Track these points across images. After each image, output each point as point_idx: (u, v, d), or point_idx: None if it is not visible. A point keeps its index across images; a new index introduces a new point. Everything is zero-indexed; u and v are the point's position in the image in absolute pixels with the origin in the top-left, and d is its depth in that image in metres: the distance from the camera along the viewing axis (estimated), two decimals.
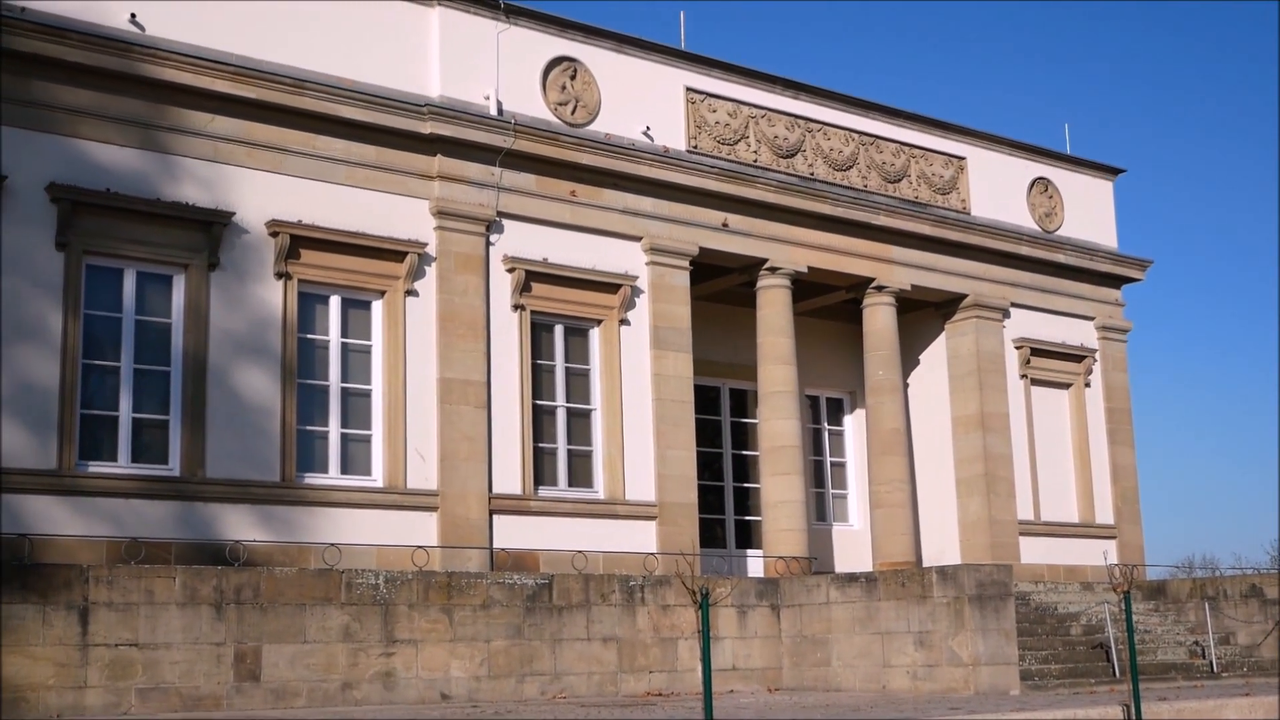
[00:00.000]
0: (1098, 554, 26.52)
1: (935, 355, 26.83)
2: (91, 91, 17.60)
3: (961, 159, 26.50)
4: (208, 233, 18.17)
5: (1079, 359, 27.75)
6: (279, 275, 18.67)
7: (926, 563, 24.89)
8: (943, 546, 25.83)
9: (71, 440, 17.05)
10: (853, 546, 26.10)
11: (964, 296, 26.18)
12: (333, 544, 17.71)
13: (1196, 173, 78.36)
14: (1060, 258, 27.48)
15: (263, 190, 18.68)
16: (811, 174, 24.15)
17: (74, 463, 17.06)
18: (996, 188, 26.96)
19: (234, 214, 18.38)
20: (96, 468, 17.29)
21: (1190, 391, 77.38)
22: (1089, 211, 28.54)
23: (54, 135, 17.35)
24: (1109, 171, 29.26)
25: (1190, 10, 72.45)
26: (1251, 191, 77.82)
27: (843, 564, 25.37)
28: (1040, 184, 27.87)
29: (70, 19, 17.45)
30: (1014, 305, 26.84)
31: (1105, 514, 27.43)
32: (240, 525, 17.78)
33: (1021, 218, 27.27)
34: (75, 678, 14.46)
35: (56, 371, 17.02)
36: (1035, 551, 26.00)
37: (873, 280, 24.83)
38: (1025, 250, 26.87)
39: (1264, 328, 70.84)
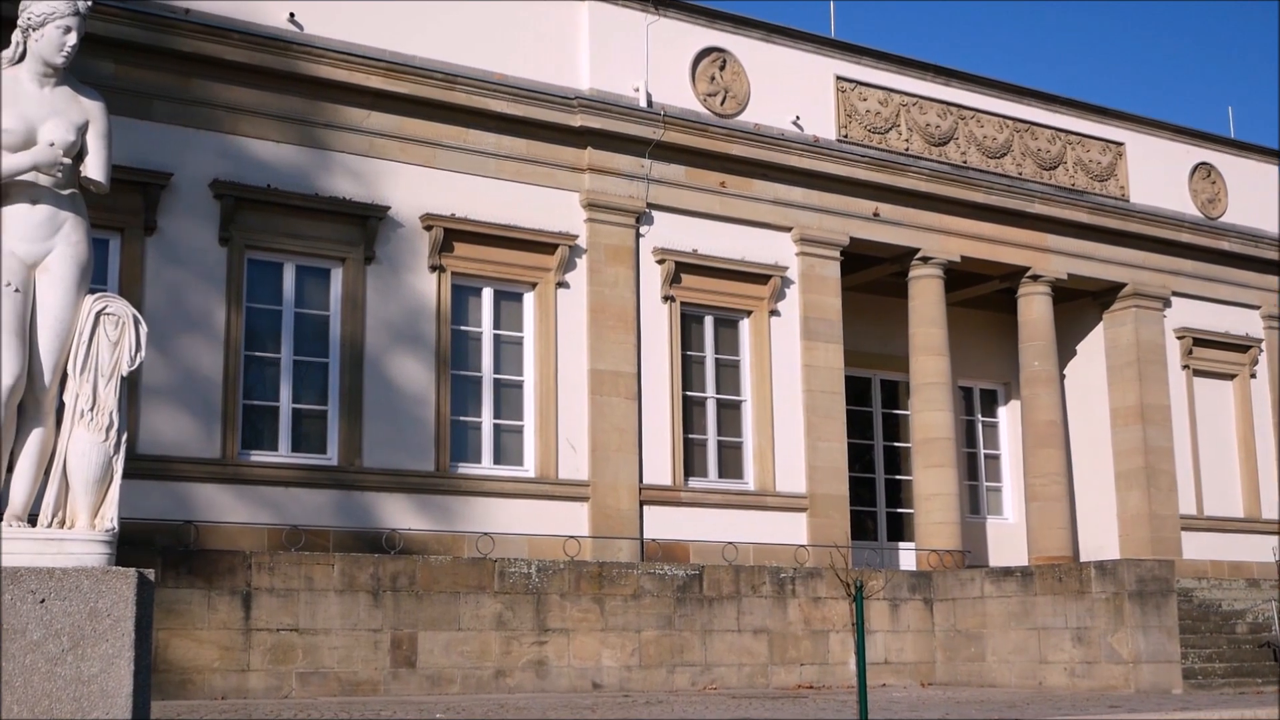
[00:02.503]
0: (1264, 550, 25.75)
1: (1093, 346, 26.27)
2: (252, 90, 18.03)
3: (1120, 145, 25.90)
4: (363, 227, 18.51)
5: (1244, 349, 26.95)
6: (433, 268, 18.94)
7: (1084, 558, 24.42)
8: (1101, 541, 25.29)
9: (234, 429, 17.50)
10: (1007, 540, 25.70)
11: (1123, 285, 25.59)
12: (486, 533, 17.93)
13: None
14: (1224, 245, 26.70)
15: (416, 184, 18.96)
16: (964, 162, 23.80)
17: (237, 451, 17.50)
18: (1156, 174, 26.30)
19: (389, 208, 18.69)
20: (258, 456, 17.73)
21: None
22: (1254, 197, 27.69)
23: (216, 133, 17.81)
24: (1275, 155, 28.35)
25: None
26: None
27: (997, 558, 25.00)
28: (1202, 169, 27.12)
29: (231, 19, 17.89)
30: (1175, 294, 26.16)
31: (1271, 509, 26.60)
32: (396, 513, 18.08)
33: (1183, 204, 26.57)
34: (238, 661, 14.85)
35: (220, 362, 17.48)
36: (1198, 547, 25.33)
37: (1028, 269, 24.40)
38: (1187, 237, 26.17)
39: None
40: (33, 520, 7.03)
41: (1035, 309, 24.53)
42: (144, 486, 16.04)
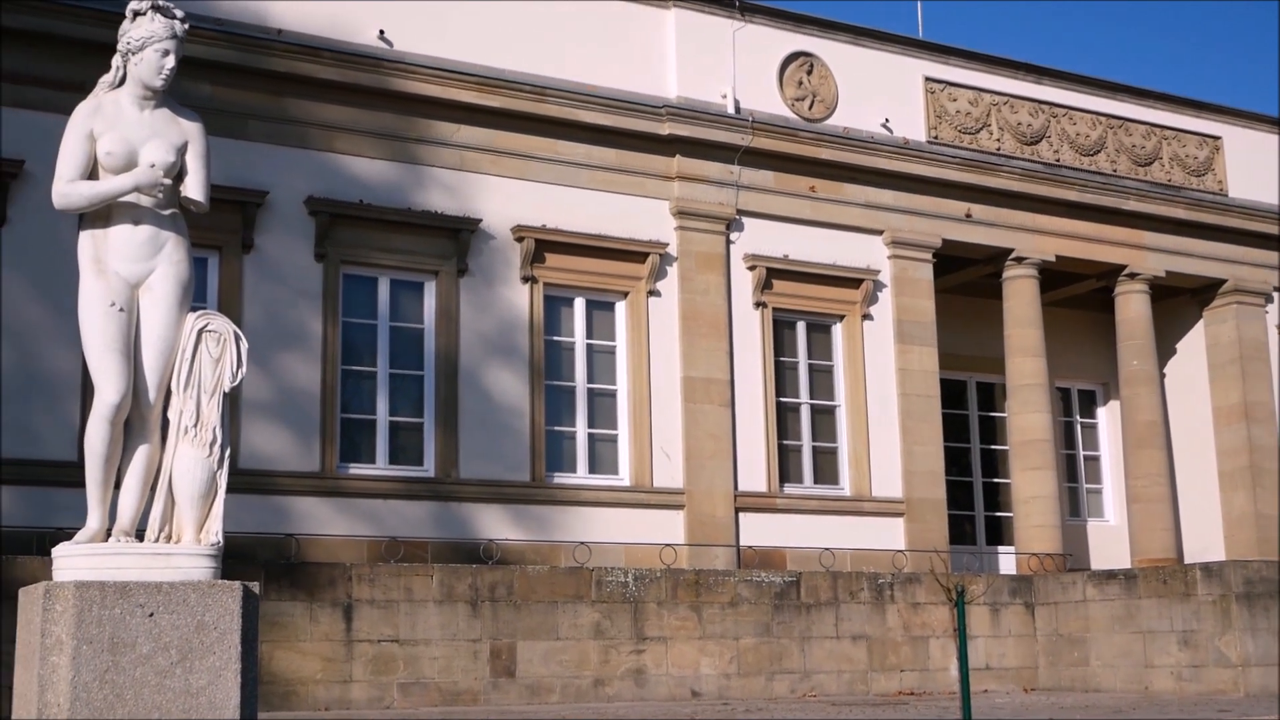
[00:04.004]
0: None
1: (1193, 344, 25.82)
2: (344, 107, 18.24)
3: (1216, 139, 25.45)
4: (456, 240, 18.65)
5: None
6: (525, 279, 19.05)
7: (1188, 559, 23.98)
8: (1205, 543, 24.84)
9: (333, 443, 17.70)
10: (1109, 543, 25.32)
11: (1223, 282, 25.13)
12: (582, 542, 17.98)
13: None
14: None
15: (507, 196, 19.08)
16: (1057, 160, 23.52)
17: (335, 465, 17.70)
18: (1255, 167, 25.78)
19: (480, 221, 18.83)
20: (356, 469, 17.92)
21: None
22: None
23: (309, 150, 18.05)
24: None
25: None
26: None
27: (1099, 561, 24.64)
28: None
29: (323, 38, 18.13)
30: (1277, 289, 25.64)
31: None
32: (493, 524, 18.20)
33: None
34: (341, 672, 15.00)
35: (318, 377, 17.70)
36: None
37: (1124, 267, 24.05)
38: None
39: None
40: (140, 535, 7.17)
41: (1133, 307, 24.16)
42: (245, 501, 16.22)
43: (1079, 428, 26.48)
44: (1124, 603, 18.21)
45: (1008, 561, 23.49)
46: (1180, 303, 25.74)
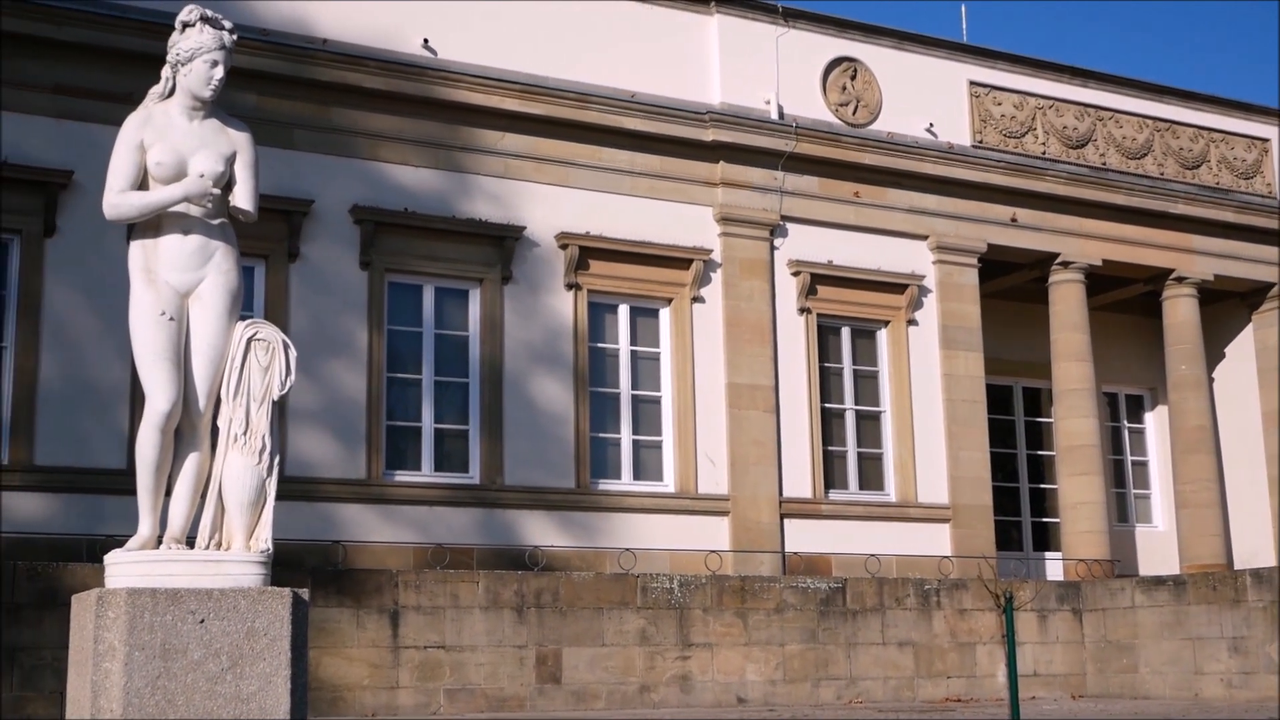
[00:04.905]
0: None
1: (1242, 347, 25.59)
2: (389, 116, 18.34)
3: (1265, 141, 25.22)
4: (500, 247, 18.71)
5: None
6: (569, 286, 19.08)
7: (1238, 565, 23.75)
8: (1255, 548, 24.60)
9: (379, 450, 17.78)
10: (1157, 548, 25.12)
11: (1272, 285, 24.89)
12: (627, 549, 17.98)
13: None
14: None
15: (551, 204, 19.12)
16: (1103, 164, 23.37)
17: (381, 472, 17.78)
18: None
19: (525, 228, 18.87)
20: (402, 476, 17.99)
21: None
22: None
23: (354, 159, 18.14)
24: None
25: None
26: None
27: (1147, 567, 24.45)
28: None
29: (367, 47, 18.22)
30: None
31: None
32: (538, 530, 18.23)
33: None
34: (387, 678, 15.06)
35: (364, 385, 17.78)
36: None
37: (1172, 271, 23.86)
38: None
39: None
40: (190, 542, 7.22)
41: (1181, 312, 23.97)
42: (293, 508, 16.29)
43: (1126, 433, 26.28)
44: (1173, 609, 18.07)
45: (1055, 567, 23.33)
46: (1229, 306, 25.52)
